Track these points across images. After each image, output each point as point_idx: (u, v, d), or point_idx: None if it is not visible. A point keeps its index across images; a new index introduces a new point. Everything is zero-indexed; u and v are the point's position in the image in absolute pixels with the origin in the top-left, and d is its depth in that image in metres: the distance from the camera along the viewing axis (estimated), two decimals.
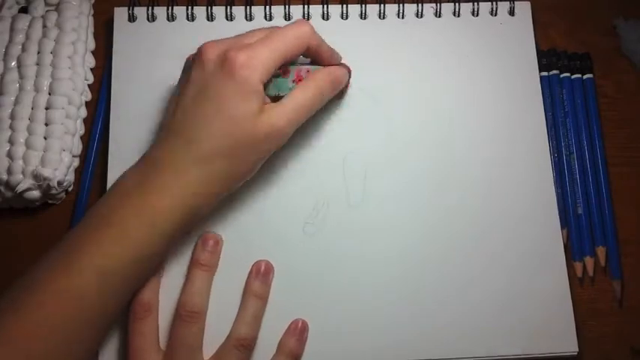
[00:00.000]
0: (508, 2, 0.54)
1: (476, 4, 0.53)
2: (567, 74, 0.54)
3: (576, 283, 0.48)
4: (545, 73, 0.54)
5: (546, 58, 0.54)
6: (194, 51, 0.43)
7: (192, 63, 0.43)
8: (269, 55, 0.42)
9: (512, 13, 0.54)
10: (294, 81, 0.45)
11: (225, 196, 0.45)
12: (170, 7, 0.52)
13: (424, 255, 0.47)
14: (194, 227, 0.46)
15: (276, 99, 0.44)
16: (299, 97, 0.44)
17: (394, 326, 0.46)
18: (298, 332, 0.46)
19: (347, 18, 0.53)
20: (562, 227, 0.49)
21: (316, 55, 0.46)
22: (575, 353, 0.46)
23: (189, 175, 0.41)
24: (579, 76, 0.54)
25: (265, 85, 0.43)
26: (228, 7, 0.52)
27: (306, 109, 0.45)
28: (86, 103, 0.51)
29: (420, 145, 0.50)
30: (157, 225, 0.41)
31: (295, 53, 0.44)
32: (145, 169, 0.42)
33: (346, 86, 0.50)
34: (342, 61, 0.48)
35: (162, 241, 0.41)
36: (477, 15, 0.53)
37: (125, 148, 0.48)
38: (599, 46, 0.56)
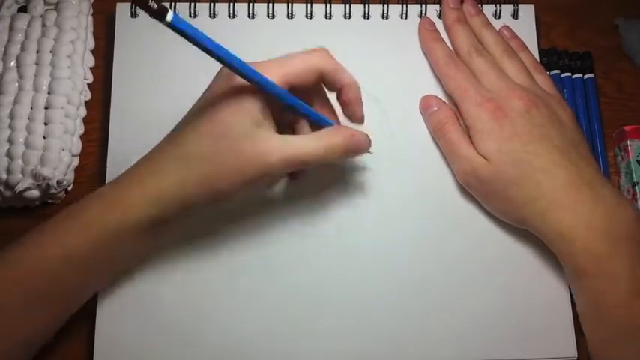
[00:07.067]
0: (512, 5, 0.53)
1: (480, 6, 0.53)
2: (568, 74, 0.54)
3: None
4: None
5: (547, 58, 0.54)
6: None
7: None
8: (272, 68, 0.41)
9: (515, 15, 0.53)
10: None
11: (197, 216, 0.43)
12: (173, 4, 0.52)
13: (423, 258, 0.47)
14: (164, 237, 0.44)
15: None
16: (308, 145, 0.42)
17: (392, 331, 0.46)
18: None
19: (350, 17, 0.52)
20: None
21: (334, 82, 0.43)
22: (575, 358, 0.46)
23: (162, 172, 0.41)
24: (580, 75, 0.54)
25: None
26: (231, 5, 0.52)
27: (307, 161, 0.42)
28: (86, 102, 0.51)
29: (420, 149, 0.50)
30: (118, 218, 0.40)
31: (303, 77, 0.42)
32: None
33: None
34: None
35: (123, 234, 0.41)
36: None
37: (125, 147, 0.48)
38: (601, 46, 0.56)
